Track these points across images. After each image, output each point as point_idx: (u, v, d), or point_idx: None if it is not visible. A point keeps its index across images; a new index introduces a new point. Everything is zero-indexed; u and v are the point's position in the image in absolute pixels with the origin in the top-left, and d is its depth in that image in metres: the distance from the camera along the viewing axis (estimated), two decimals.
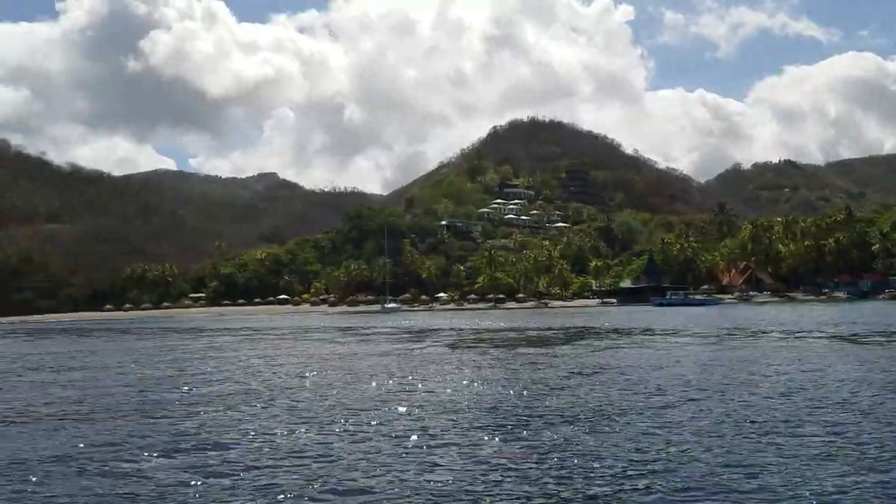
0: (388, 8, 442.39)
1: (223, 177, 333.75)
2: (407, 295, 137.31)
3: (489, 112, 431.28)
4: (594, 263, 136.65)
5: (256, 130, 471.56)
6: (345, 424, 13.39)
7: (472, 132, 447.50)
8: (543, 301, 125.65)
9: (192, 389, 19.27)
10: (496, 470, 9.99)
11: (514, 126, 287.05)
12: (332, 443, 11.90)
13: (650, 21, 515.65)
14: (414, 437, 12.05)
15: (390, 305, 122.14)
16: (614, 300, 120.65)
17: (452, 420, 13.55)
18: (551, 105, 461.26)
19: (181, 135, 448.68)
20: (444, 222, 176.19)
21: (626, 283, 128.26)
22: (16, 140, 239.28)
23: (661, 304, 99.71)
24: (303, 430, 12.99)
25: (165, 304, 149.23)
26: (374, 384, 19.25)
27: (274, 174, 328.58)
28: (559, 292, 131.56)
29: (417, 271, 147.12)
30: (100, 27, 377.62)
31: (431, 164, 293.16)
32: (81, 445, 12.21)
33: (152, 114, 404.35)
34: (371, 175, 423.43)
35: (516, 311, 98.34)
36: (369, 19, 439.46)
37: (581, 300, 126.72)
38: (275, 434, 12.68)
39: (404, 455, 10.90)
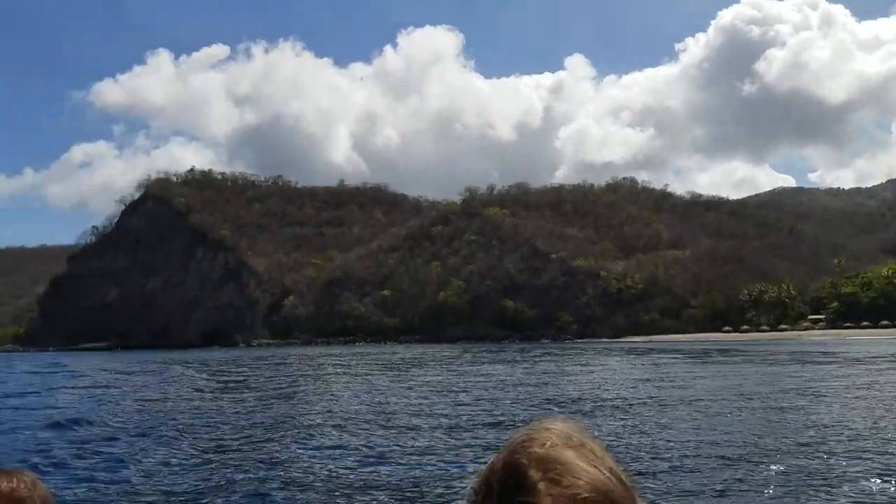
0: None
1: (846, 188, 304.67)
2: None
3: None
4: None
5: (883, 132, 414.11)
6: None
7: None
8: None
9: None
10: None
11: None
12: None
13: None
14: None
15: None
16: None
17: None
18: None
19: (799, 149, 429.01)
20: None
21: None
22: (641, 176, 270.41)
23: None
24: None
25: (783, 326, 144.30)
26: None
27: None
28: None
29: None
30: (715, 59, 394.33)
31: None
32: None
33: (769, 132, 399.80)
34: None
35: None
36: None
37: None
38: None
39: None
